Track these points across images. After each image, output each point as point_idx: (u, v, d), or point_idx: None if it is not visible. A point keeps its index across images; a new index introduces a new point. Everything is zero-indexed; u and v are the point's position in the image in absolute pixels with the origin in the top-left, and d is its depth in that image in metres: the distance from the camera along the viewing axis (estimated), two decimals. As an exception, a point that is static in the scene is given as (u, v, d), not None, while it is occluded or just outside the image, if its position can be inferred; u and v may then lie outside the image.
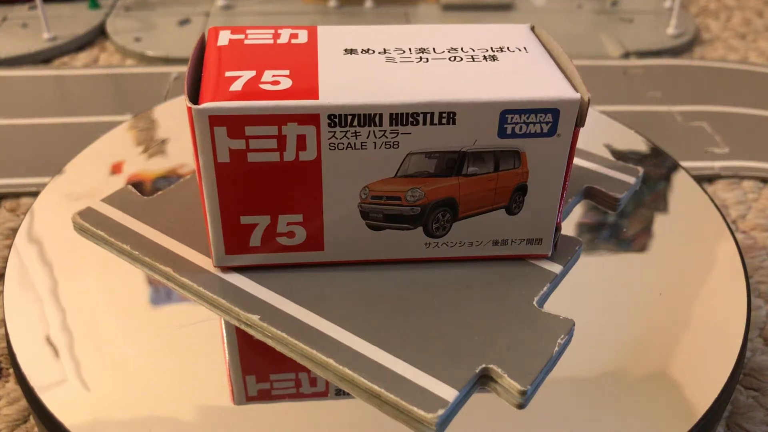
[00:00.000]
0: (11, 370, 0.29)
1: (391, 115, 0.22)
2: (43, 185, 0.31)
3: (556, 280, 0.25)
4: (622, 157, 0.33)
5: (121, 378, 0.22)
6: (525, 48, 0.25)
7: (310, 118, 0.22)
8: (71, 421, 0.20)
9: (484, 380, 0.22)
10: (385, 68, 0.23)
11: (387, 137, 0.22)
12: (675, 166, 0.33)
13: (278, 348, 0.23)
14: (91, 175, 0.31)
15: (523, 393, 0.21)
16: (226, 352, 0.23)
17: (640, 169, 0.31)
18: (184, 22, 0.60)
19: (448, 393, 0.21)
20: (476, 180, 0.24)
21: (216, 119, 0.21)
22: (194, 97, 0.22)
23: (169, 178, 0.30)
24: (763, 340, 0.31)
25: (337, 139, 0.22)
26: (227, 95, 0.21)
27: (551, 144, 0.23)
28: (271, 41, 0.24)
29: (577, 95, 0.22)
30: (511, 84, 0.23)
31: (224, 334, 0.23)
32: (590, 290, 0.26)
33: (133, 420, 0.20)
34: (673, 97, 0.50)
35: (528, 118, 0.22)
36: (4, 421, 0.27)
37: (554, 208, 0.25)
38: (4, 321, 0.25)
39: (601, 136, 0.35)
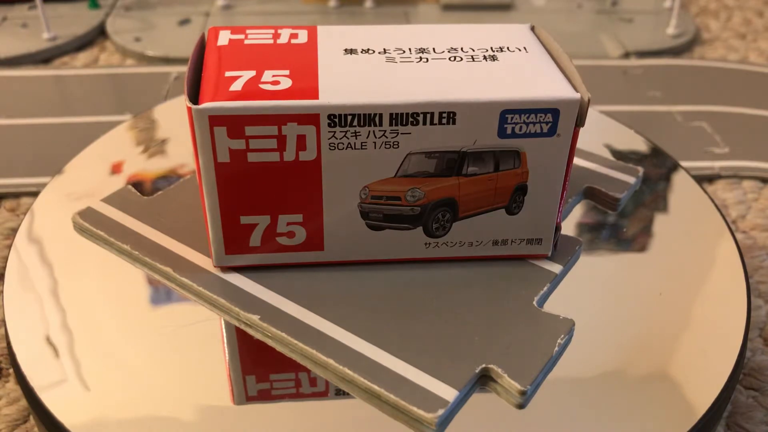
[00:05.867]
0: (11, 370, 0.29)
1: (391, 115, 0.22)
2: (43, 185, 0.31)
3: (556, 280, 0.25)
4: (622, 157, 0.33)
5: (121, 378, 0.22)
6: (525, 48, 0.25)
7: (310, 118, 0.22)
8: (71, 421, 0.20)
9: (484, 380, 0.22)
10: (385, 68, 0.23)
11: (387, 137, 0.22)
12: (675, 166, 0.33)
13: (278, 348, 0.23)
14: (91, 175, 0.31)
15: (523, 393, 0.21)
16: (226, 352, 0.23)
17: (640, 169, 0.31)
18: (184, 22, 0.60)
19: (448, 393, 0.21)
20: (476, 180, 0.24)
21: (216, 119, 0.21)
22: (194, 97, 0.22)
23: (169, 178, 0.30)
24: (763, 340, 0.31)
25: (337, 139, 0.22)
26: (227, 95, 0.21)
27: (551, 144, 0.23)
28: (271, 41, 0.24)
29: (577, 95, 0.22)
30: (511, 84, 0.23)
31: (224, 334, 0.23)
32: (590, 290, 0.26)
33: (133, 420, 0.20)
34: (673, 97, 0.50)
35: (528, 118, 0.22)
36: (4, 421, 0.27)
37: (554, 208, 0.25)
38: (4, 321, 0.24)
39: (601, 136, 0.35)
